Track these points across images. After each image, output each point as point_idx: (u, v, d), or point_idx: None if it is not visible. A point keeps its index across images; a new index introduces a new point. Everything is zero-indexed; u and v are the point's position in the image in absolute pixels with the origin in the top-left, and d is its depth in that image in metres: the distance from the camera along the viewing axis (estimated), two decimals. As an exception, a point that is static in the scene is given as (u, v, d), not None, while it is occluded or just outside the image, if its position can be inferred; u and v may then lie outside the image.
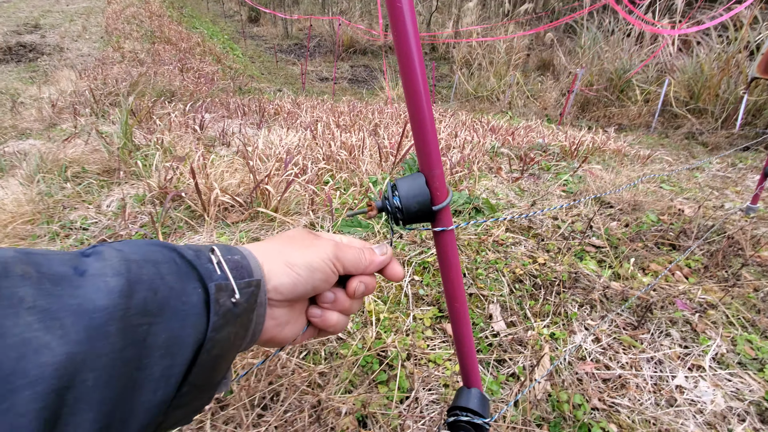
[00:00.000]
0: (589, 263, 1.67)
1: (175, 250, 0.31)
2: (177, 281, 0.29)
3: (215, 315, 0.29)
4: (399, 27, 0.41)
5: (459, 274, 0.54)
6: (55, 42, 7.79)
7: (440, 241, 0.51)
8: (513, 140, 3.88)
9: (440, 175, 0.47)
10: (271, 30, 13.51)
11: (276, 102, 5.25)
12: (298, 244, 0.40)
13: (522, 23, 9.66)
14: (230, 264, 0.33)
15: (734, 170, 3.54)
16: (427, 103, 0.44)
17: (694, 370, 1.20)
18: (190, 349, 0.28)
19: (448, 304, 0.56)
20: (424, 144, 0.46)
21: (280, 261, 0.37)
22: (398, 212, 0.47)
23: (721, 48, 5.79)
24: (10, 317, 0.20)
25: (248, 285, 0.33)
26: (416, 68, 0.43)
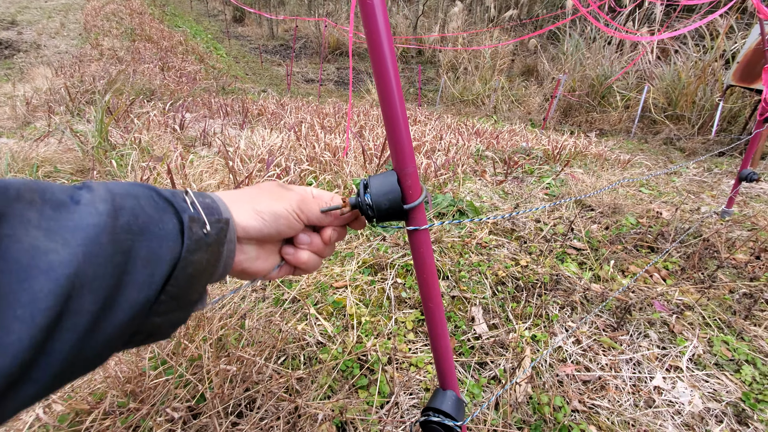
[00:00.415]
0: (570, 265, 1.68)
1: (153, 189, 0.35)
2: (155, 212, 0.33)
3: (188, 240, 0.34)
4: (371, 25, 0.41)
5: (434, 273, 0.53)
6: (32, 39, 7.55)
7: (414, 241, 0.51)
8: (497, 144, 3.91)
9: (413, 173, 0.47)
10: (256, 30, 13.38)
11: (260, 103, 5.19)
12: (267, 195, 0.45)
13: (507, 29, 9.80)
14: (202, 204, 0.38)
15: (710, 175, 3.64)
16: (400, 101, 0.44)
17: (671, 371, 1.22)
18: (166, 264, 0.32)
19: (424, 304, 0.55)
20: (396, 141, 0.45)
21: (249, 207, 0.43)
22: (369, 209, 0.47)
23: (698, 56, 5.97)
24: (22, 230, 0.25)
25: (218, 221, 0.38)
26: (388, 66, 0.42)
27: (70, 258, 0.26)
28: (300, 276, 0.49)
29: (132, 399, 0.85)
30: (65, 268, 0.26)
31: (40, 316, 0.24)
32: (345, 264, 1.57)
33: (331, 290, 1.40)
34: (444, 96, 8.49)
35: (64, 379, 0.28)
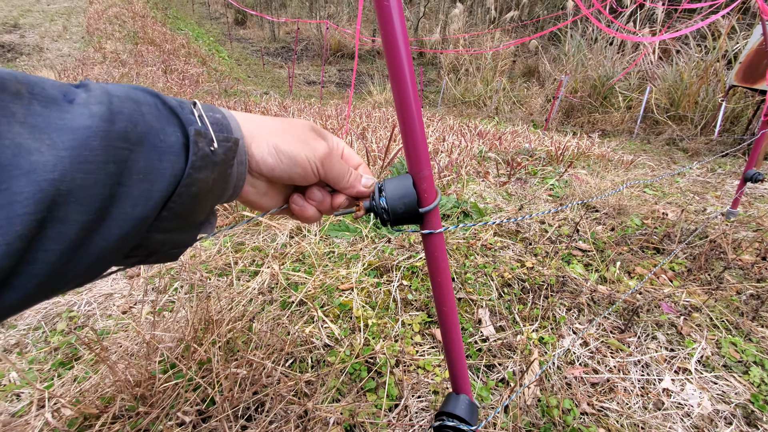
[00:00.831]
0: (576, 267, 1.68)
1: (157, 96, 0.32)
2: (156, 121, 0.30)
3: (194, 155, 0.31)
4: (387, 27, 0.41)
5: (448, 277, 0.53)
6: (34, 42, 7.59)
7: (429, 244, 0.50)
8: (500, 145, 3.91)
9: (429, 176, 0.46)
10: (258, 33, 13.42)
11: (262, 105, 5.20)
12: (294, 134, 0.41)
13: (508, 30, 9.80)
14: (211, 119, 0.34)
15: (714, 175, 3.63)
16: (416, 103, 0.43)
17: (680, 373, 1.21)
18: (167, 180, 0.30)
19: (437, 308, 0.54)
20: (412, 144, 0.45)
21: (269, 141, 0.39)
22: (384, 213, 0.46)
23: (700, 57, 5.97)
24: (5, 125, 0.22)
25: (226, 140, 0.34)
26: (404, 69, 0.42)
27: (55, 161, 0.24)
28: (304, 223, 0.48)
29: (141, 403, 0.85)
30: (49, 172, 0.23)
31: (19, 222, 0.22)
32: (351, 266, 1.57)
33: (337, 292, 1.40)
34: (446, 97, 8.50)
35: (54, 289, 0.27)
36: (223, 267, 1.49)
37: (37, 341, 1.20)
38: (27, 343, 1.18)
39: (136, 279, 1.42)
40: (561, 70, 7.69)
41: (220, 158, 0.34)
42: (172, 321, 1.08)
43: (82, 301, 1.33)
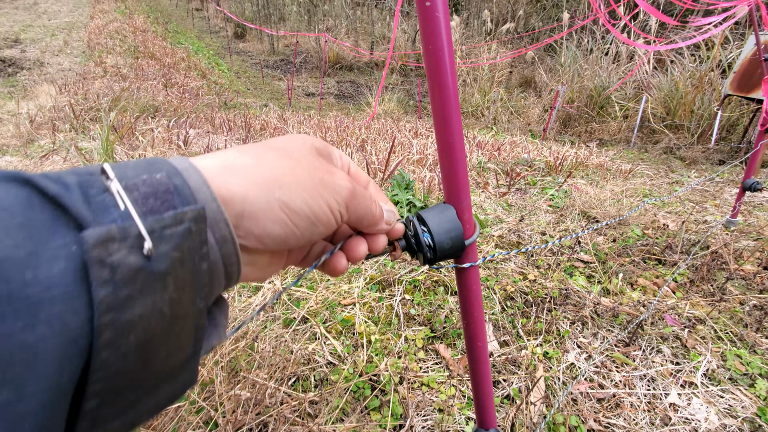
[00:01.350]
0: (579, 279, 1.68)
1: (29, 183, 0.18)
2: (19, 243, 0.17)
3: (104, 286, 0.18)
4: (433, 48, 0.37)
5: (482, 311, 0.50)
6: (35, 57, 7.66)
7: (465, 278, 0.47)
8: (499, 155, 3.93)
9: (469, 206, 0.43)
10: (257, 46, 13.57)
11: (262, 117, 5.24)
12: (305, 172, 0.28)
13: (504, 42, 9.93)
14: (144, 189, 0.21)
15: (712, 184, 3.64)
16: (458, 124, 0.40)
17: (686, 387, 1.20)
18: (53, 362, 0.16)
19: (469, 343, 0.52)
20: (452, 173, 0.42)
21: (272, 197, 0.26)
22: (429, 251, 0.41)
23: (694, 66, 6.04)
24: None
25: (176, 221, 0.21)
26: (450, 94, 0.38)
27: None
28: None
29: (144, 426, 0.84)
30: None
31: None
32: (353, 281, 1.56)
33: (339, 308, 1.40)
34: (443, 108, 8.54)
35: None
36: (225, 283, 1.49)
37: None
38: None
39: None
40: (557, 80, 7.77)
41: (170, 260, 0.20)
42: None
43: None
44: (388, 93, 8.96)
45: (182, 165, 0.24)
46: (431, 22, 0.36)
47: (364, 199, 0.32)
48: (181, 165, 0.24)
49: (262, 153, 0.28)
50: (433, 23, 0.36)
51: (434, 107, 0.39)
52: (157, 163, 0.23)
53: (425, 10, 0.36)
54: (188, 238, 0.21)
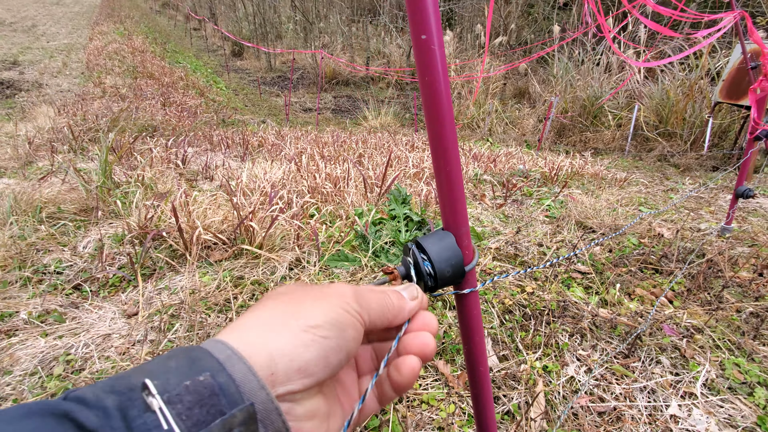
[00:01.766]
0: (576, 290, 1.68)
1: (66, 416, 0.18)
2: None
3: None
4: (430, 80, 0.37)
5: (482, 336, 0.50)
6: (33, 78, 7.74)
7: (465, 304, 0.47)
8: (495, 167, 3.97)
9: (467, 232, 0.43)
10: (254, 63, 13.75)
11: (260, 134, 5.28)
12: (306, 297, 0.29)
13: (498, 55, 10.10)
14: (189, 399, 0.20)
15: (707, 190, 3.67)
16: (455, 153, 0.40)
17: (686, 398, 1.20)
18: None
19: (471, 367, 0.51)
20: (451, 197, 0.42)
21: (292, 327, 0.26)
22: (430, 279, 0.41)
23: (684, 75, 6.14)
24: None
25: (225, 429, 0.20)
26: (447, 123, 0.38)
27: None
28: None
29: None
30: None
31: None
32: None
33: (337, 325, 1.40)
34: (439, 120, 8.64)
35: None
36: (224, 303, 1.49)
37: (33, 387, 1.18)
38: (23, 389, 1.16)
39: (135, 318, 1.41)
40: (550, 91, 7.88)
41: None
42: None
43: (79, 343, 1.32)
44: (384, 107, 9.06)
45: (224, 355, 0.23)
46: (427, 55, 0.36)
47: (370, 293, 0.33)
48: (223, 355, 0.23)
49: (272, 302, 0.28)
50: (429, 56, 0.36)
51: (431, 136, 0.40)
52: (199, 359, 0.22)
53: (421, 44, 0.36)
54: None
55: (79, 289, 1.60)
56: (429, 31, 0.35)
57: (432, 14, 0.35)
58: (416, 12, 0.35)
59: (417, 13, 0.35)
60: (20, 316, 1.42)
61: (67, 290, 1.58)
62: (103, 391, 0.20)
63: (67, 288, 1.59)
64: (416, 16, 0.35)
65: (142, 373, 0.21)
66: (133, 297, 1.54)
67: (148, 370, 0.22)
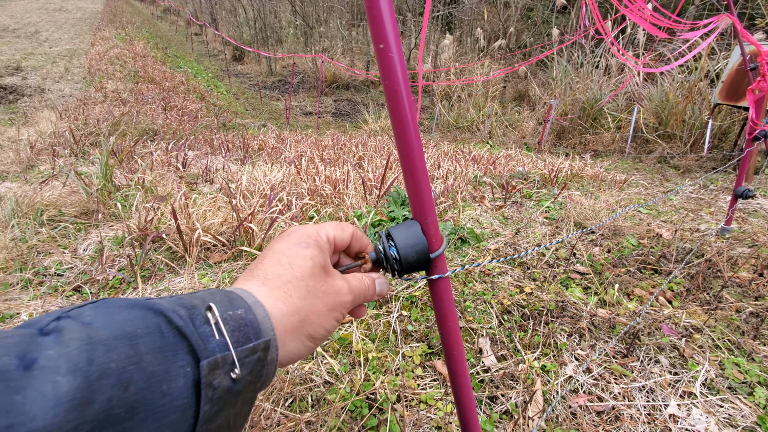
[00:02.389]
0: (575, 291, 1.68)
1: (162, 314, 0.25)
2: (160, 361, 0.23)
3: (207, 403, 0.24)
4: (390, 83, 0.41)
5: (456, 322, 0.52)
6: (36, 83, 7.79)
7: (436, 289, 0.50)
8: (494, 169, 3.97)
9: (434, 221, 0.46)
10: (255, 68, 13.83)
11: (260, 137, 5.30)
12: (321, 304, 0.36)
13: (497, 58, 10.13)
14: (232, 323, 0.28)
15: (706, 192, 3.67)
16: (419, 149, 0.44)
17: (685, 398, 1.19)
18: None
19: (446, 353, 0.54)
20: (416, 190, 0.45)
21: (300, 334, 0.34)
22: (396, 263, 0.45)
23: (683, 77, 6.16)
24: None
25: (253, 351, 0.28)
26: (408, 124, 0.42)
27: None
28: None
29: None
30: None
31: None
32: (349, 298, 1.57)
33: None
34: (440, 123, 8.68)
35: None
36: (222, 304, 1.49)
37: (33, 388, 1.18)
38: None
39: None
40: (550, 94, 7.90)
41: (245, 383, 0.28)
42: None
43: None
44: (384, 110, 9.09)
45: (251, 300, 0.32)
46: (387, 62, 0.40)
47: (362, 296, 0.42)
48: (250, 300, 0.32)
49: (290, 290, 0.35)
50: (389, 63, 0.40)
51: (396, 136, 0.43)
52: (235, 299, 0.31)
53: (380, 52, 0.39)
54: (258, 364, 0.29)
55: (80, 291, 1.61)
56: (386, 41, 0.39)
57: (389, 25, 0.38)
58: (375, 23, 0.38)
59: (375, 24, 0.38)
60: (21, 317, 1.42)
61: (68, 292, 1.59)
62: (176, 304, 0.27)
63: (68, 290, 1.59)
64: (375, 27, 0.39)
65: (197, 299, 0.29)
66: (133, 298, 1.54)
67: (201, 298, 0.29)
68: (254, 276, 0.35)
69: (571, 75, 7.54)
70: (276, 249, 0.38)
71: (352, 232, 0.44)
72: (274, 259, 0.37)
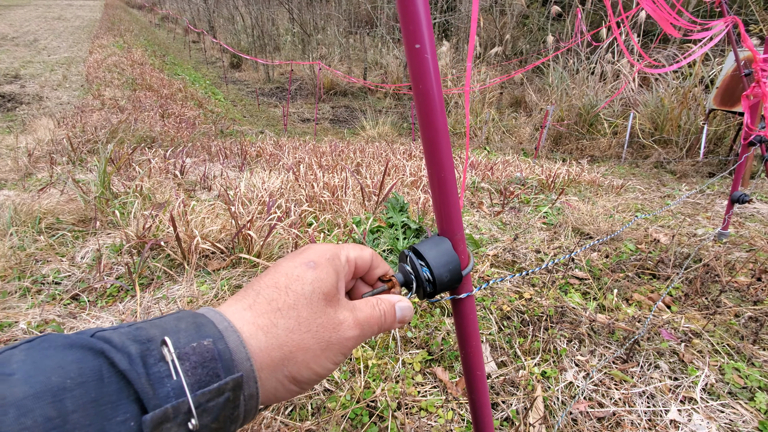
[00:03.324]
0: (574, 296, 1.68)
1: (103, 354, 0.22)
2: (91, 420, 0.20)
3: None
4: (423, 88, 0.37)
5: (479, 340, 0.50)
6: (34, 91, 7.80)
7: (462, 308, 0.47)
8: (492, 175, 3.99)
9: (463, 237, 0.44)
10: (252, 75, 13.88)
11: (258, 144, 5.31)
12: (312, 339, 0.30)
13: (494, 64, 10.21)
14: (195, 358, 0.24)
15: (703, 196, 3.70)
16: (449, 159, 0.41)
17: (686, 403, 1.19)
18: None
19: (468, 372, 0.51)
20: (445, 206, 0.42)
21: (278, 373, 0.29)
22: (429, 285, 0.41)
23: (678, 83, 6.22)
24: None
25: (219, 392, 0.24)
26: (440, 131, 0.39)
27: None
28: None
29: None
30: None
31: None
32: (349, 305, 1.56)
33: (336, 333, 1.39)
34: (437, 129, 8.70)
35: None
36: (221, 311, 1.48)
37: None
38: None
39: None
40: (546, 100, 7.96)
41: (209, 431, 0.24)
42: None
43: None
44: (382, 116, 9.12)
45: (222, 325, 0.27)
46: (421, 64, 0.36)
47: (371, 329, 0.35)
48: (222, 325, 0.27)
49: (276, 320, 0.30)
50: (423, 65, 0.36)
51: (425, 143, 0.40)
52: (204, 326, 0.26)
53: (414, 53, 0.36)
54: (226, 406, 0.25)
55: (77, 299, 1.60)
56: (422, 41, 0.36)
57: (424, 24, 0.35)
58: (409, 22, 0.35)
59: (410, 23, 0.35)
60: (19, 326, 1.41)
61: (66, 300, 1.58)
62: (127, 338, 0.24)
63: (66, 298, 1.59)
64: (409, 26, 0.35)
65: (157, 328, 0.25)
66: (131, 307, 1.54)
67: (162, 326, 0.25)
68: (244, 296, 0.31)
69: (567, 81, 7.60)
70: (279, 267, 0.34)
71: (372, 253, 0.40)
72: (272, 279, 0.32)
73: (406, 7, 0.35)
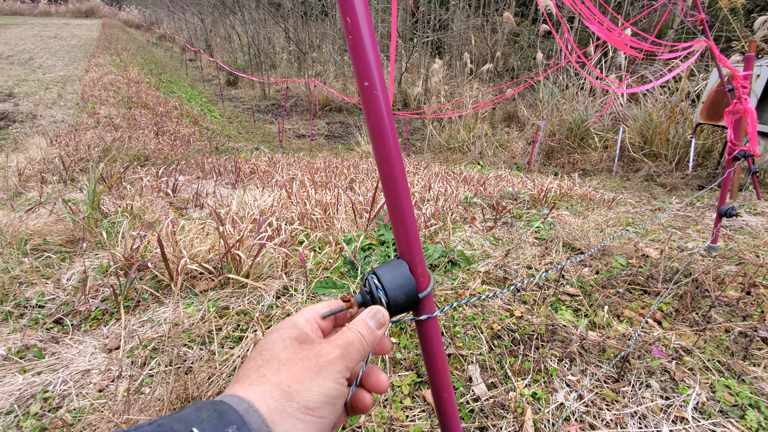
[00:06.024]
0: (565, 313, 1.68)
1: None
2: None
3: None
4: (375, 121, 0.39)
5: (445, 361, 0.51)
6: (28, 109, 7.81)
7: (425, 329, 0.48)
8: (485, 190, 4.01)
9: (422, 259, 0.45)
10: (249, 92, 14.02)
11: (252, 161, 5.32)
12: (301, 370, 0.32)
13: (486, 80, 10.39)
14: None
15: (693, 209, 3.73)
16: (404, 187, 0.42)
17: (678, 423, 1.18)
18: None
19: (436, 395, 0.52)
20: (403, 228, 0.43)
21: (289, 409, 0.30)
22: (384, 306, 0.43)
23: (665, 98, 6.35)
24: None
25: None
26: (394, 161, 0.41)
27: None
28: None
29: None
30: None
31: None
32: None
33: (324, 355, 1.37)
34: (431, 144, 8.81)
35: None
36: (207, 334, 1.46)
37: (8, 427, 1.14)
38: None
39: (116, 353, 1.37)
40: (538, 115, 8.08)
41: None
42: (150, 399, 1.04)
43: (58, 379, 1.28)
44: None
45: (242, 408, 0.28)
46: (371, 99, 0.39)
47: (353, 346, 0.37)
48: (242, 408, 0.28)
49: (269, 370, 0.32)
50: (373, 100, 0.38)
51: (381, 173, 0.42)
52: (225, 413, 0.27)
53: (365, 90, 0.38)
54: None
55: (61, 323, 1.57)
56: (371, 78, 0.37)
57: (373, 63, 0.37)
58: (359, 62, 0.37)
59: (359, 62, 0.37)
60: (0, 352, 1.38)
61: (48, 324, 1.55)
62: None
63: (48, 322, 1.56)
64: (359, 65, 0.37)
65: (181, 422, 0.26)
66: (115, 330, 1.51)
67: (185, 419, 0.26)
68: (238, 377, 0.33)
69: (558, 96, 7.73)
70: (257, 345, 0.37)
71: (326, 303, 0.43)
72: (252, 354, 0.35)
73: (356, 48, 0.37)
